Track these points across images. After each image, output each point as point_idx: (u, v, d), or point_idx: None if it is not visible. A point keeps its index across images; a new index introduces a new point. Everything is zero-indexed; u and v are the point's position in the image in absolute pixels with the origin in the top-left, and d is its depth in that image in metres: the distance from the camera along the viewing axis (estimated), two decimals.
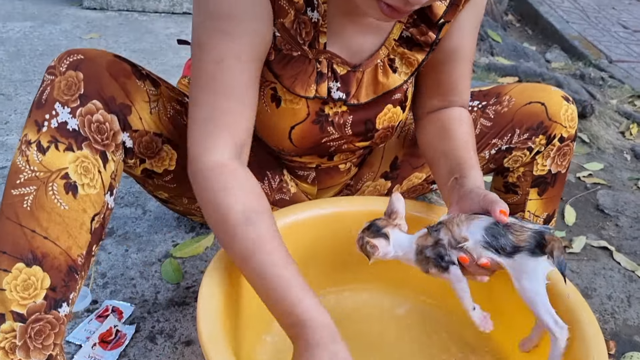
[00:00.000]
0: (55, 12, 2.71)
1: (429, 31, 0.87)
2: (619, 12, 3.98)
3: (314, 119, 0.91)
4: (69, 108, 0.76)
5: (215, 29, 0.75)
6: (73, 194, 0.75)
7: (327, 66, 0.87)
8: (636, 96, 2.54)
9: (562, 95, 1.02)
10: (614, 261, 1.43)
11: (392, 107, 0.95)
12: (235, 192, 0.75)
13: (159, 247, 1.24)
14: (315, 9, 0.81)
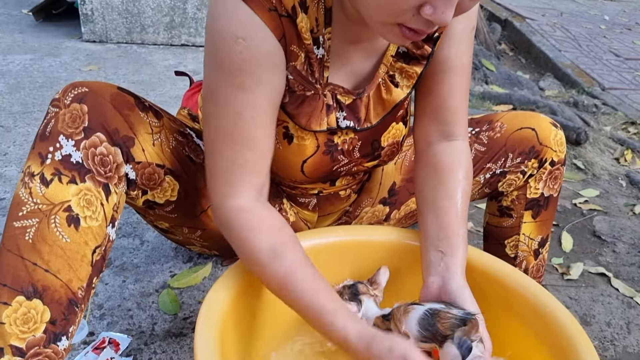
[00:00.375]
0: (55, 45, 2.75)
1: (425, 45, 0.88)
2: (610, 40, 4.04)
3: (324, 150, 0.93)
4: (73, 141, 0.77)
5: (231, 84, 0.76)
6: (75, 226, 0.76)
7: (332, 98, 0.88)
8: (629, 123, 2.57)
9: (550, 122, 1.05)
10: (612, 287, 1.43)
11: (396, 123, 0.97)
12: (259, 232, 0.80)
13: (156, 277, 1.23)
14: (320, 45, 0.82)
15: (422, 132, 0.97)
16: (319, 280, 0.79)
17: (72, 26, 2.97)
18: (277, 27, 0.76)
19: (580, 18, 4.55)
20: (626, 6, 5.22)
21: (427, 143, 0.96)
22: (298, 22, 0.77)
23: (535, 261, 1.11)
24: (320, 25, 0.81)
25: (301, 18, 0.78)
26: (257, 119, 0.79)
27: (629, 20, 4.69)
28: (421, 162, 0.96)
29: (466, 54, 0.92)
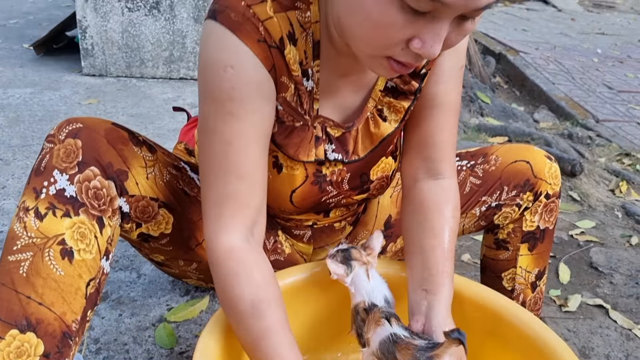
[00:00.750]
0: (55, 78, 2.78)
1: (412, 80, 0.89)
2: (602, 73, 4.11)
3: (312, 181, 0.93)
4: (67, 175, 0.78)
5: (221, 112, 0.77)
6: (69, 259, 0.76)
7: (321, 130, 0.90)
8: (624, 154, 2.60)
9: (545, 155, 1.06)
10: (610, 319, 1.43)
11: (385, 158, 0.98)
12: (244, 281, 0.78)
13: (153, 311, 1.23)
14: (309, 78, 0.84)
15: (408, 168, 0.97)
16: (293, 346, 0.78)
17: (72, 60, 3.01)
18: (267, 58, 0.77)
19: (573, 51, 4.63)
20: (618, 40, 5.32)
21: (413, 180, 0.96)
22: (286, 53, 0.79)
23: (533, 294, 1.11)
24: (309, 57, 0.82)
25: (289, 50, 0.79)
26: (248, 149, 0.79)
27: (621, 53, 4.77)
28: (407, 199, 0.96)
29: (454, 92, 0.93)
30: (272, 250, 1.09)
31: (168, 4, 2.73)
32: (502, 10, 6.25)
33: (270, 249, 1.08)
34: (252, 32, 0.75)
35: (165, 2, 2.72)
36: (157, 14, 2.74)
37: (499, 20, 5.63)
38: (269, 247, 1.08)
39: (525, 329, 0.88)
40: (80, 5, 2.69)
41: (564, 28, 5.64)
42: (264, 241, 1.07)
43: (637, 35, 5.63)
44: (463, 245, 1.72)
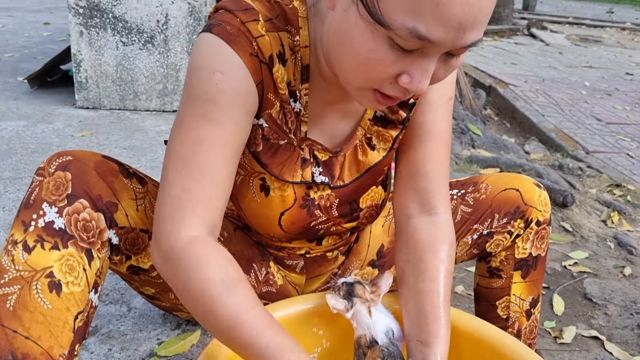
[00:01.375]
0: (48, 111, 2.79)
1: (400, 110, 0.91)
2: (591, 105, 4.17)
3: (301, 204, 0.93)
4: (57, 207, 0.77)
5: (199, 114, 0.77)
6: (57, 292, 0.75)
7: (309, 152, 0.90)
8: (614, 185, 2.61)
9: (534, 182, 1.07)
10: (606, 351, 1.42)
11: (375, 187, 0.99)
12: (213, 265, 0.74)
13: (143, 345, 1.21)
14: (297, 100, 0.85)
15: (401, 202, 0.96)
16: (272, 319, 0.75)
17: (66, 93, 3.02)
18: (257, 72, 0.78)
19: (562, 84, 4.70)
20: (605, 73, 5.42)
21: (407, 216, 0.94)
22: (274, 71, 0.80)
23: (528, 322, 1.10)
24: (297, 80, 0.83)
25: (277, 68, 0.80)
26: (217, 154, 0.77)
27: (609, 85, 4.86)
28: (401, 238, 0.95)
29: (444, 122, 0.93)
30: (264, 281, 1.08)
31: (162, 38, 2.76)
32: (491, 45, 6.37)
33: (262, 280, 1.08)
34: (246, 45, 0.77)
35: (159, 36, 2.76)
36: (152, 48, 2.77)
37: (488, 54, 5.73)
38: (261, 278, 1.07)
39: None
40: (75, 39, 2.72)
41: (552, 61, 5.74)
42: (255, 273, 1.07)
43: (623, 69, 5.73)
44: (457, 277, 1.72)
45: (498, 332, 0.93)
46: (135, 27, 2.73)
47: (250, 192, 0.92)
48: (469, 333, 0.93)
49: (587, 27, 9.16)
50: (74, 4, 2.66)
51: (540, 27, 7.83)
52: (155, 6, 2.71)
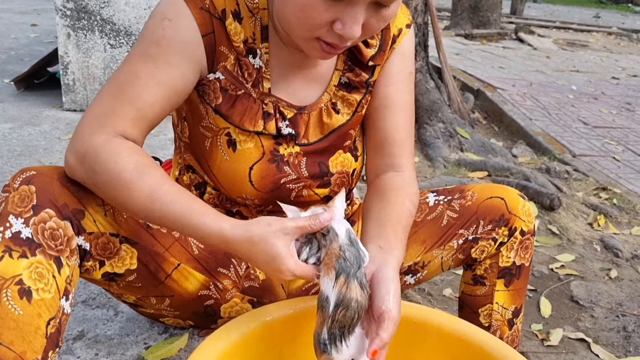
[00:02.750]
0: (35, 114, 2.77)
1: (362, 72, 0.99)
2: (578, 109, 4.20)
3: (269, 158, 0.96)
4: (23, 218, 0.78)
5: (144, 52, 0.86)
6: (27, 298, 0.76)
7: (273, 108, 0.95)
8: (601, 188, 2.64)
9: (518, 194, 1.09)
10: (592, 353, 1.43)
11: (343, 152, 1.02)
12: (126, 155, 0.81)
13: (130, 350, 1.20)
14: (257, 57, 0.92)
15: (371, 165, 1.06)
16: (184, 190, 0.82)
17: (53, 96, 3.00)
18: (205, 24, 0.87)
19: (549, 88, 4.74)
20: (592, 77, 5.47)
21: (375, 174, 1.05)
22: (227, 24, 0.88)
23: (510, 331, 1.11)
24: (257, 39, 0.92)
25: (230, 21, 0.89)
26: (151, 88, 0.85)
27: (595, 89, 4.90)
28: (370, 190, 1.04)
29: (406, 94, 1.03)
30: (245, 277, 1.08)
31: None
32: (479, 48, 6.41)
33: (242, 275, 1.07)
34: (197, 0, 0.86)
35: None
36: None
37: (477, 57, 5.77)
38: (241, 273, 1.07)
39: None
40: (62, 41, 2.70)
41: (539, 65, 5.79)
42: (235, 268, 1.07)
43: (610, 73, 5.80)
44: (445, 279, 1.72)
45: (484, 335, 0.94)
46: (123, 30, 2.72)
47: (219, 152, 0.96)
48: (455, 335, 0.93)
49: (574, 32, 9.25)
50: (61, 5, 2.64)
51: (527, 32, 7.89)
52: (143, 9, 2.70)
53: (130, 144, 0.84)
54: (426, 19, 3.37)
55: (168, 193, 0.80)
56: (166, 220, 0.81)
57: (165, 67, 0.85)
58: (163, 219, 0.81)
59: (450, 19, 7.57)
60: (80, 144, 0.82)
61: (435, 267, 1.15)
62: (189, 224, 0.79)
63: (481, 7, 7.18)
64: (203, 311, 1.08)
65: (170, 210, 0.79)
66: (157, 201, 0.80)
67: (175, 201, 0.80)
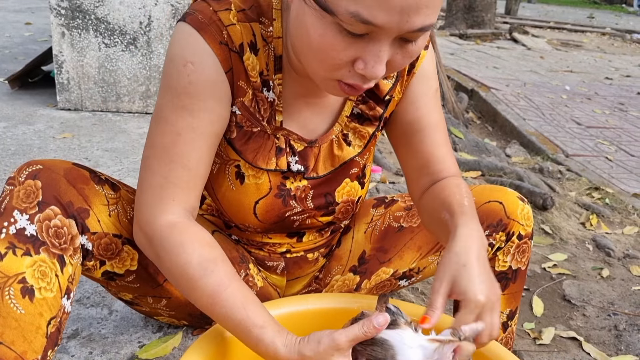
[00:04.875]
0: (29, 112, 2.76)
1: (377, 106, 0.95)
2: (571, 109, 4.23)
3: (276, 193, 0.95)
4: (27, 215, 0.78)
5: (176, 105, 0.81)
6: (30, 297, 0.76)
7: (285, 142, 0.92)
8: (593, 188, 2.66)
9: (517, 196, 1.06)
10: (583, 352, 1.44)
11: (350, 181, 1.00)
12: (190, 247, 0.80)
13: (124, 348, 1.20)
14: (270, 89, 0.88)
15: (415, 187, 1.01)
16: (248, 294, 0.79)
17: (47, 94, 2.99)
18: (226, 60, 0.82)
19: (543, 88, 4.77)
20: (585, 77, 5.50)
21: (421, 192, 1.00)
22: (245, 59, 0.84)
23: (504, 334, 1.11)
24: (271, 70, 0.87)
25: (248, 56, 0.84)
26: (195, 143, 0.82)
27: (589, 90, 4.93)
28: (422, 207, 0.99)
29: (435, 112, 0.98)
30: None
31: (145, 40, 2.75)
32: (474, 48, 6.43)
33: None
34: (215, 33, 0.81)
35: (142, 38, 2.74)
36: (134, 50, 2.76)
37: (471, 57, 5.79)
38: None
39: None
40: (56, 40, 2.70)
41: (533, 66, 5.81)
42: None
43: (603, 73, 5.83)
44: None
45: None
46: (117, 29, 2.72)
47: (226, 180, 0.94)
48: None
49: (568, 32, 9.28)
50: (55, 4, 2.64)
51: (522, 32, 7.92)
52: (138, 8, 2.70)
53: (194, 232, 0.82)
54: None
55: (230, 298, 0.78)
56: (225, 324, 0.79)
57: (202, 115, 0.82)
58: (221, 322, 0.80)
59: (445, 19, 7.59)
60: (145, 224, 0.82)
61: (430, 272, 1.15)
62: (246, 336, 0.77)
63: (476, 7, 7.20)
64: (199, 313, 1.08)
65: (229, 317, 0.78)
66: (218, 305, 0.78)
67: (236, 309, 0.77)
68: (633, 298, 1.72)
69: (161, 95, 0.83)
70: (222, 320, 0.79)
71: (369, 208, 1.17)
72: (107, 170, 2.17)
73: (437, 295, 0.77)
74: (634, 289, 1.78)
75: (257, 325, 0.76)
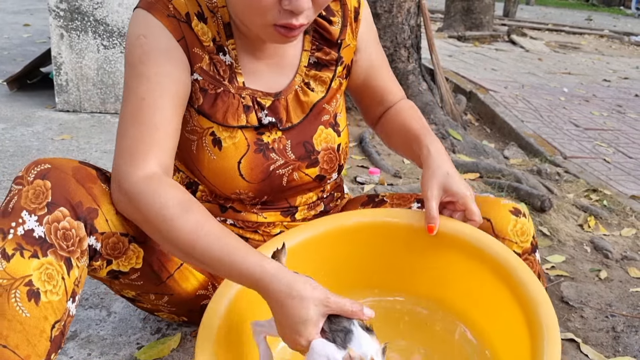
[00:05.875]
0: (28, 114, 2.76)
1: (331, 51, 1.03)
2: (569, 111, 4.23)
3: (255, 149, 0.98)
4: (36, 216, 0.78)
5: (136, 74, 0.88)
6: (35, 301, 0.75)
7: (251, 100, 0.97)
8: (591, 190, 2.66)
9: (511, 210, 1.00)
10: (582, 353, 1.44)
11: (324, 128, 1.05)
12: (167, 193, 0.82)
13: (123, 350, 1.20)
14: (226, 53, 0.95)
15: (372, 116, 1.20)
16: (227, 230, 0.82)
17: (45, 96, 2.99)
18: (175, 29, 0.90)
19: (541, 90, 4.77)
20: (583, 79, 5.50)
21: (376, 117, 1.19)
22: (194, 26, 0.92)
23: None
24: (222, 37, 0.94)
25: (196, 23, 0.92)
26: (158, 103, 0.87)
27: (587, 92, 4.94)
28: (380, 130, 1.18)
29: (381, 52, 1.14)
30: None
31: None
32: (472, 50, 6.44)
33: None
34: (162, 9, 0.90)
35: None
36: None
37: (469, 59, 5.79)
38: None
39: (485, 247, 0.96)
40: (55, 42, 2.70)
41: (531, 68, 5.82)
42: None
43: (601, 75, 5.84)
44: None
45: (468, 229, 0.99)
46: (116, 30, 2.72)
47: (206, 152, 0.98)
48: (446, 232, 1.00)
49: (566, 34, 9.30)
50: (54, 6, 2.64)
51: (520, 34, 7.93)
52: None
53: (168, 181, 0.85)
54: (419, 21, 3.39)
55: (211, 230, 0.80)
56: (208, 257, 0.80)
57: (160, 79, 0.88)
58: (205, 256, 0.80)
59: (443, 21, 7.60)
60: (123, 181, 0.84)
61: None
62: (228, 264, 0.78)
63: (474, 9, 7.21)
64: (199, 309, 1.09)
65: (213, 247, 0.79)
66: (200, 238, 0.80)
67: (219, 237, 0.80)
68: (631, 300, 1.72)
69: (125, 72, 0.91)
70: (204, 253, 0.80)
71: (358, 205, 1.17)
72: None
73: (432, 202, 0.95)
74: (631, 291, 1.78)
75: (244, 250, 0.79)
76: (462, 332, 1.02)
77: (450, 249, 1.00)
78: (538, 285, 0.88)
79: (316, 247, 1.03)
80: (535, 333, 0.83)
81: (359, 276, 1.08)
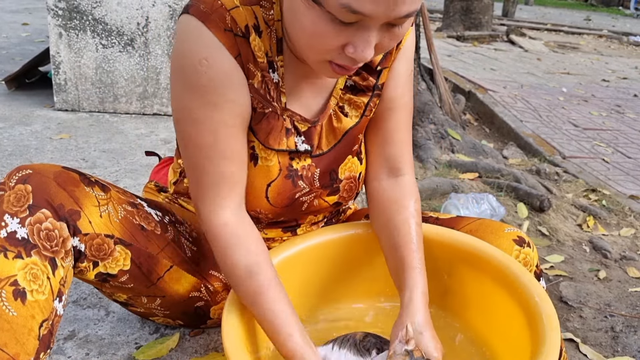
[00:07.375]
0: (26, 113, 2.75)
1: (369, 77, 0.97)
2: (568, 111, 4.23)
3: (285, 174, 0.97)
4: (18, 218, 0.78)
5: (203, 103, 0.84)
6: (22, 300, 0.76)
7: (290, 123, 0.94)
8: (590, 190, 2.66)
9: (515, 239, 1.00)
10: (580, 353, 1.44)
11: (351, 157, 1.02)
12: (237, 251, 0.88)
13: (121, 350, 1.20)
14: (275, 70, 0.90)
15: (372, 170, 1.05)
16: (283, 302, 0.87)
17: (44, 95, 2.99)
18: (232, 46, 0.83)
19: (540, 90, 4.78)
20: (582, 79, 5.51)
21: (377, 181, 1.04)
22: (251, 40, 0.85)
23: None
24: (274, 52, 0.89)
25: (254, 37, 0.85)
26: (232, 134, 0.87)
27: (585, 92, 4.94)
28: (372, 204, 1.05)
29: (408, 94, 1.03)
30: None
31: (143, 41, 2.75)
32: (471, 50, 6.44)
33: None
34: (219, 21, 0.82)
35: (139, 39, 2.74)
36: (132, 51, 2.76)
37: (468, 59, 5.80)
38: None
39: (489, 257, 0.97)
40: (54, 41, 2.69)
41: (530, 68, 5.82)
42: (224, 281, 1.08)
43: (600, 75, 5.84)
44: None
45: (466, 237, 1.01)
46: (115, 30, 2.72)
47: None
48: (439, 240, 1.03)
49: (565, 34, 9.31)
50: (53, 5, 2.63)
51: (519, 34, 7.94)
52: (135, 9, 2.69)
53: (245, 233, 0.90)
54: (418, 21, 3.38)
55: (265, 303, 0.86)
56: (260, 322, 0.88)
57: (229, 106, 0.85)
58: (258, 320, 0.88)
59: (442, 21, 7.60)
60: (205, 221, 0.91)
61: None
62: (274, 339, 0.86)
63: (473, 9, 7.21)
64: (193, 312, 1.08)
65: (265, 318, 0.86)
66: (257, 306, 0.87)
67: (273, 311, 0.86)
68: (630, 299, 1.72)
69: (181, 91, 0.86)
70: (258, 318, 0.88)
71: (362, 217, 1.17)
72: (104, 171, 2.17)
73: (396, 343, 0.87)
74: (630, 291, 1.78)
75: (287, 333, 0.85)
76: (461, 338, 1.02)
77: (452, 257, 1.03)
78: (541, 291, 0.90)
79: (324, 255, 1.08)
80: (537, 341, 0.83)
81: (361, 285, 1.11)
